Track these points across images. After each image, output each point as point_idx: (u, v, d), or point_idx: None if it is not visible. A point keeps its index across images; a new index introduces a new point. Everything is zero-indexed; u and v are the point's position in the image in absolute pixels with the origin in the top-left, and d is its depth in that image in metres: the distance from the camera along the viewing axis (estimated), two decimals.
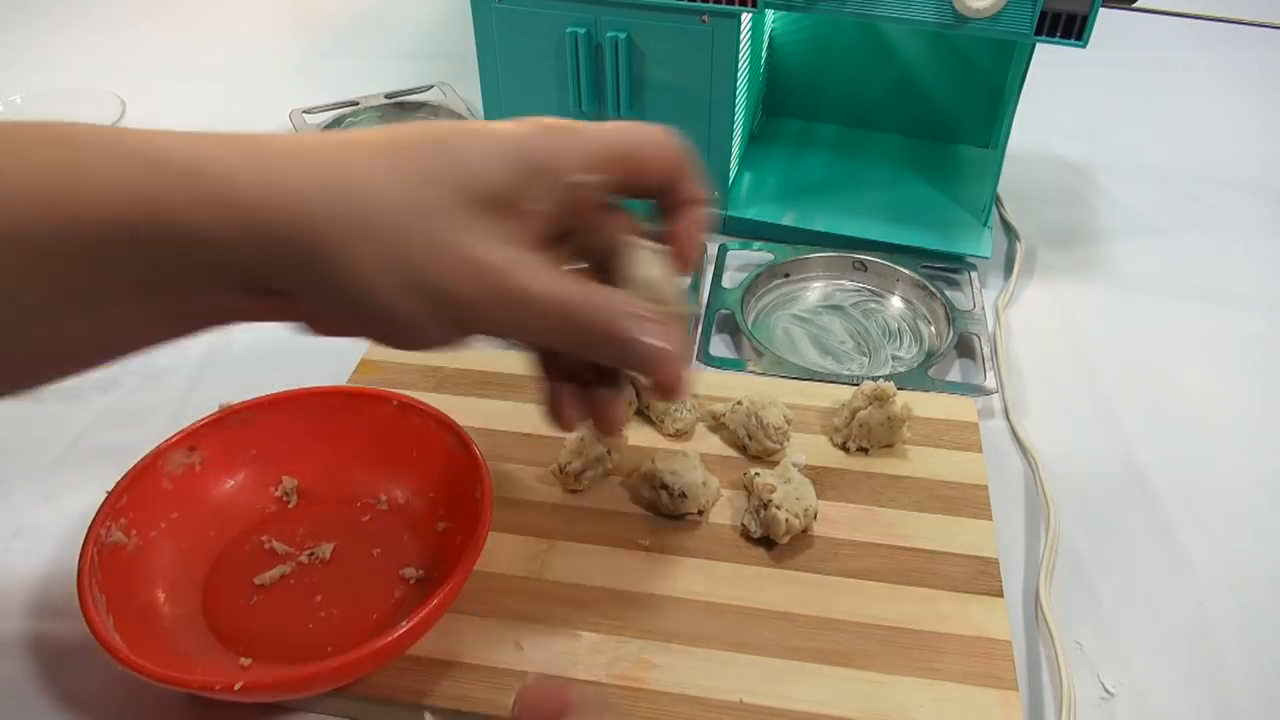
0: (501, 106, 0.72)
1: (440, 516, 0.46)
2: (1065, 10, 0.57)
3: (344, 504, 0.48)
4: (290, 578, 0.45)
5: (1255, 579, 0.49)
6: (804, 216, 0.73)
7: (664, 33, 0.65)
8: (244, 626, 0.43)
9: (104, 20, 1.13)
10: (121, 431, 0.56)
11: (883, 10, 0.60)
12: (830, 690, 0.41)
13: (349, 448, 0.49)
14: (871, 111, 0.82)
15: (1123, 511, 0.52)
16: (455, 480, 0.46)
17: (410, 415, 0.48)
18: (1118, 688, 0.43)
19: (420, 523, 0.47)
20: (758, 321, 0.65)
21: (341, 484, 0.48)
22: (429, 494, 0.47)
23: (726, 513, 0.49)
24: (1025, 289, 0.69)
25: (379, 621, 0.43)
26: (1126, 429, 0.57)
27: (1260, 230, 0.76)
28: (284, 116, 0.88)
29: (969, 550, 0.47)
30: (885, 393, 0.51)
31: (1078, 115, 0.93)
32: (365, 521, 0.48)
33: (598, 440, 0.50)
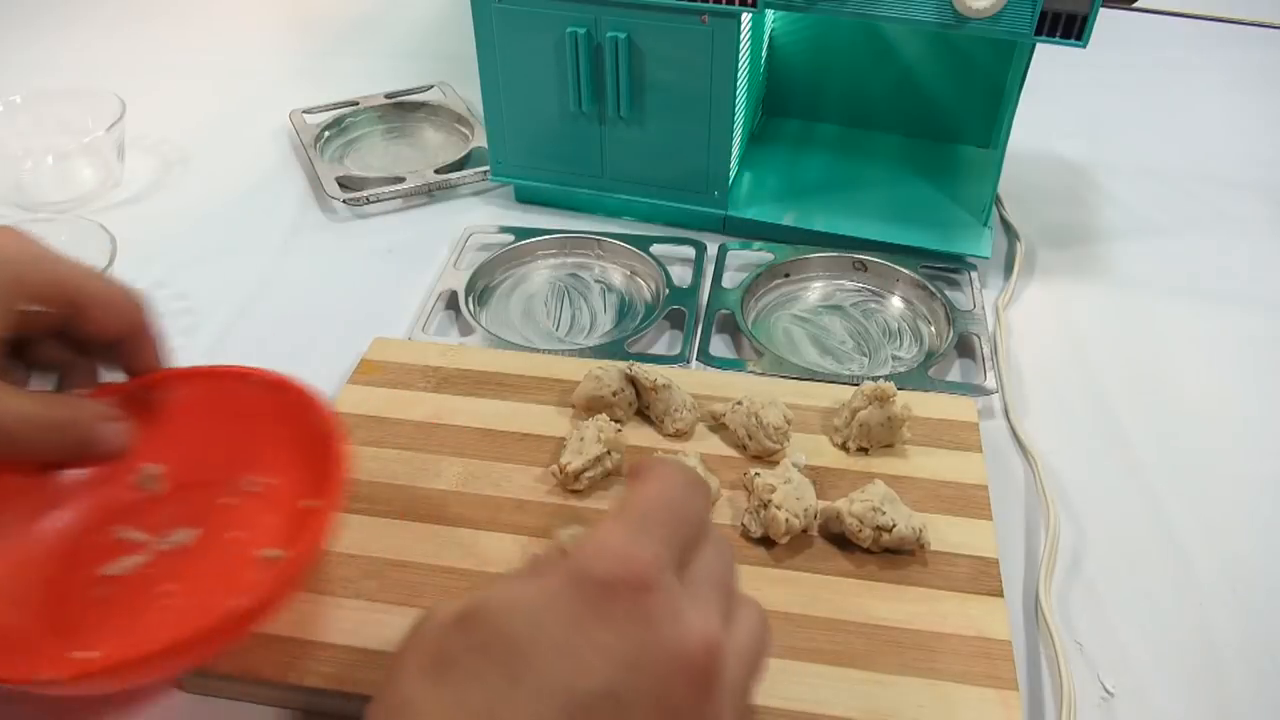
0: (501, 106, 0.72)
1: (305, 495, 0.44)
2: (1065, 10, 0.57)
3: (211, 488, 0.47)
4: (150, 567, 0.44)
5: (1255, 579, 0.49)
6: (804, 216, 0.73)
7: (664, 33, 0.65)
8: (85, 620, 0.42)
9: (104, 20, 1.13)
10: None
11: (883, 10, 0.60)
12: (830, 690, 0.41)
13: (219, 430, 0.47)
14: (871, 111, 0.82)
15: (1123, 511, 0.52)
16: (321, 458, 0.44)
17: (281, 394, 0.46)
18: (1118, 688, 0.44)
19: (286, 503, 0.45)
20: (758, 321, 0.65)
21: (210, 468, 0.47)
22: (297, 473, 0.45)
23: (726, 513, 0.49)
24: (1025, 289, 0.69)
25: (224, 604, 0.39)
26: (1126, 429, 0.57)
27: (1260, 230, 0.76)
28: (284, 116, 0.89)
29: (969, 550, 0.47)
30: (885, 393, 0.51)
31: (1078, 115, 0.93)
32: (232, 504, 0.46)
33: (597, 440, 0.50)
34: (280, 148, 0.86)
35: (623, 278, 0.70)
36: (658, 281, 0.67)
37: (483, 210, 0.78)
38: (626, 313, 0.67)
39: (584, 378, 0.54)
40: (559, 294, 0.68)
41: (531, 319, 0.66)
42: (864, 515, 0.46)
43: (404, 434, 0.53)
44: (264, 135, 0.88)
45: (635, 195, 0.74)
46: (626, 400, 0.54)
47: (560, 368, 0.58)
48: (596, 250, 0.71)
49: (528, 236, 0.71)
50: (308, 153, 0.83)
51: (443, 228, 0.73)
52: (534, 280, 0.70)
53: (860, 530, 0.46)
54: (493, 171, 0.77)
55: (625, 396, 0.54)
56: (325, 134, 0.86)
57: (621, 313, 0.67)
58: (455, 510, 0.49)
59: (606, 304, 0.67)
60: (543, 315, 0.66)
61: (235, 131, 0.90)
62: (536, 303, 0.67)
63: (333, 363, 0.58)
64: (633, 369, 0.54)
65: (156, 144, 0.87)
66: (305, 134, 0.85)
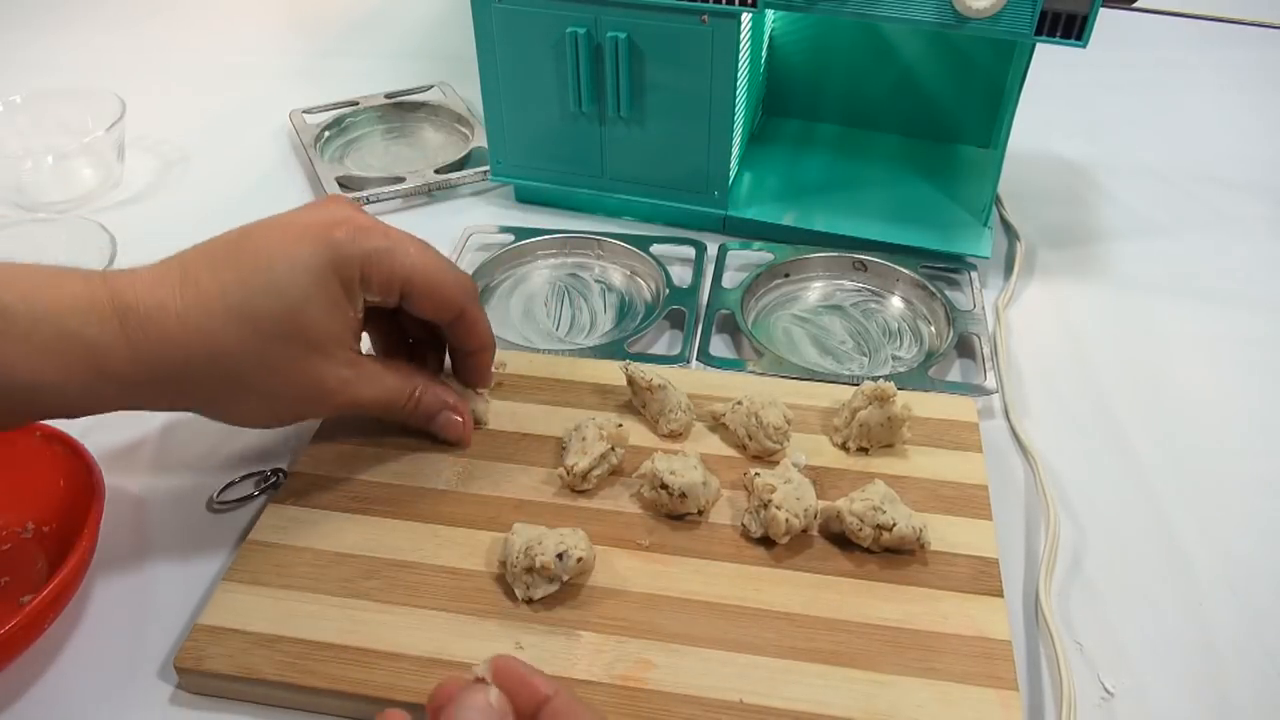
0: (501, 106, 0.72)
1: (72, 544, 0.45)
2: (1065, 10, 0.57)
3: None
4: None
5: (1255, 579, 0.49)
6: (804, 216, 0.73)
7: (664, 33, 0.65)
8: None
9: (104, 20, 1.13)
10: (122, 432, 0.56)
11: (883, 10, 0.60)
12: (830, 690, 0.41)
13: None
14: (871, 111, 0.82)
15: (1123, 511, 0.52)
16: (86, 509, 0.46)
17: (53, 445, 0.49)
18: (1118, 688, 0.44)
19: (56, 550, 0.47)
20: (758, 321, 0.65)
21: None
22: (69, 521, 0.47)
23: (726, 513, 0.49)
24: (1025, 289, 0.69)
25: None
26: (1126, 429, 0.57)
27: (1260, 230, 0.76)
28: (284, 116, 0.89)
29: (969, 550, 0.47)
30: (885, 393, 0.51)
31: (1078, 115, 0.93)
32: (5, 550, 0.48)
33: (599, 438, 0.50)
34: (280, 148, 0.86)
35: (623, 278, 0.70)
36: (658, 281, 0.67)
37: (483, 210, 0.78)
38: (626, 313, 0.67)
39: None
40: (559, 294, 0.68)
41: (531, 319, 0.66)
42: (864, 514, 0.46)
43: (404, 434, 0.53)
44: (264, 135, 0.88)
45: (635, 195, 0.74)
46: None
47: (561, 368, 0.58)
48: (596, 250, 0.71)
49: (528, 236, 0.71)
50: (308, 153, 0.83)
51: (443, 228, 0.73)
52: (534, 280, 0.70)
53: (860, 529, 0.46)
54: (493, 171, 0.77)
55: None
56: (325, 134, 0.86)
57: (621, 313, 0.67)
58: (455, 510, 0.49)
59: (606, 304, 0.67)
60: (543, 315, 0.66)
61: (235, 131, 0.90)
62: (536, 303, 0.67)
63: None
64: (629, 368, 0.54)
65: (156, 144, 0.87)
66: (305, 134, 0.85)
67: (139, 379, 0.41)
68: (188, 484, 0.53)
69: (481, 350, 0.52)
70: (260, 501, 0.52)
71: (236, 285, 0.42)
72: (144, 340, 0.41)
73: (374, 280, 0.45)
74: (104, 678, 0.44)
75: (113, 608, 0.47)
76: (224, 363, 0.42)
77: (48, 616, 0.43)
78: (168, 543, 0.50)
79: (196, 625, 0.43)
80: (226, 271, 0.42)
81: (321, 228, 0.44)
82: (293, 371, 0.44)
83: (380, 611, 0.44)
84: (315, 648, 0.42)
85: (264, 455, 0.54)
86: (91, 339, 0.40)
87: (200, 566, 0.49)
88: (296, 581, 0.45)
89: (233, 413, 0.46)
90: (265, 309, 0.42)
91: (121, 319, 0.40)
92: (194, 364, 0.42)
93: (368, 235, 0.45)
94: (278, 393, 0.45)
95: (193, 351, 0.42)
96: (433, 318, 0.49)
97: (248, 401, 0.45)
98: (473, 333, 0.50)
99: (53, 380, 0.39)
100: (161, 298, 0.41)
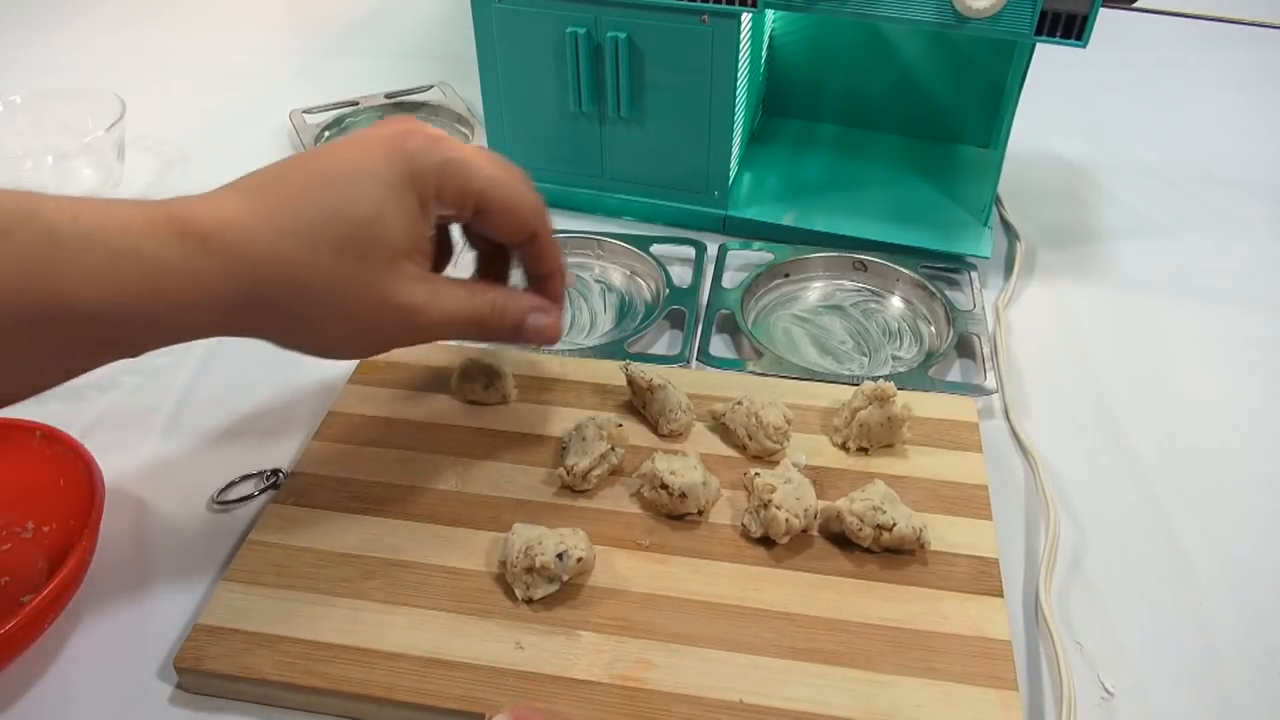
0: (501, 106, 0.72)
1: (72, 544, 0.45)
2: (1065, 10, 0.57)
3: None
4: None
5: (1255, 579, 0.49)
6: (804, 216, 0.73)
7: (664, 33, 0.65)
8: None
9: (104, 20, 1.13)
10: (121, 431, 0.56)
11: (883, 10, 0.60)
12: (830, 690, 0.41)
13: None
14: (871, 111, 0.82)
15: (1123, 511, 0.52)
16: (86, 509, 0.46)
17: (53, 445, 0.49)
18: (1118, 688, 0.44)
19: (56, 551, 0.47)
20: (758, 321, 0.65)
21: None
22: (69, 522, 0.47)
23: (726, 513, 0.49)
24: (1025, 289, 0.69)
25: None
26: (1126, 429, 0.57)
27: (1260, 230, 0.76)
28: (284, 116, 0.89)
29: (969, 550, 0.47)
30: (885, 393, 0.51)
31: (1078, 115, 0.93)
32: (5, 551, 0.48)
33: (599, 438, 0.50)
34: (280, 148, 0.86)
35: (623, 278, 0.70)
36: (658, 281, 0.67)
37: None
38: (626, 313, 0.67)
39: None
40: None
41: None
42: (864, 514, 0.46)
43: (404, 434, 0.53)
44: (264, 135, 0.88)
45: (635, 195, 0.74)
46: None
47: (560, 368, 0.58)
48: (596, 250, 0.71)
49: None
50: None
51: None
52: None
53: (860, 529, 0.46)
54: None
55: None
56: (325, 134, 0.86)
57: (621, 313, 0.67)
58: (455, 510, 0.49)
59: (606, 304, 0.67)
60: None
61: (235, 131, 0.90)
62: None
63: (333, 363, 0.58)
64: (629, 368, 0.54)
65: (156, 144, 0.87)
66: (305, 134, 0.85)
67: (204, 300, 0.38)
68: (188, 484, 0.53)
69: (553, 274, 0.48)
70: (260, 501, 0.52)
71: (308, 200, 0.40)
72: (206, 259, 0.37)
73: (448, 192, 0.42)
74: (104, 678, 0.44)
75: (113, 608, 0.47)
76: (296, 281, 0.39)
77: (48, 616, 0.43)
78: (168, 543, 0.50)
79: (196, 625, 0.43)
80: (297, 187, 0.40)
81: (395, 139, 0.41)
82: (371, 289, 0.41)
83: (380, 611, 0.44)
84: (315, 648, 0.42)
85: (264, 455, 0.54)
86: (148, 258, 0.37)
87: (200, 566, 0.49)
88: (296, 581, 0.45)
89: (310, 339, 0.42)
90: (340, 223, 0.40)
91: (181, 238, 0.37)
92: (263, 283, 0.39)
93: (442, 146, 0.42)
94: (357, 315, 0.41)
95: (260, 268, 0.38)
96: (504, 237, 0.46)
97: (325, 327, 0.41)
98: (545, 255, 0.47)
99: (111, 305, 0.36)
100: (226, 216, 0.38)
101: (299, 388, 0.59)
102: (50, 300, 0.35)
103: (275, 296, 0.39)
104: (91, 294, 0.36)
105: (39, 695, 0.43)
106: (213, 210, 0.38)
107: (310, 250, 0.39)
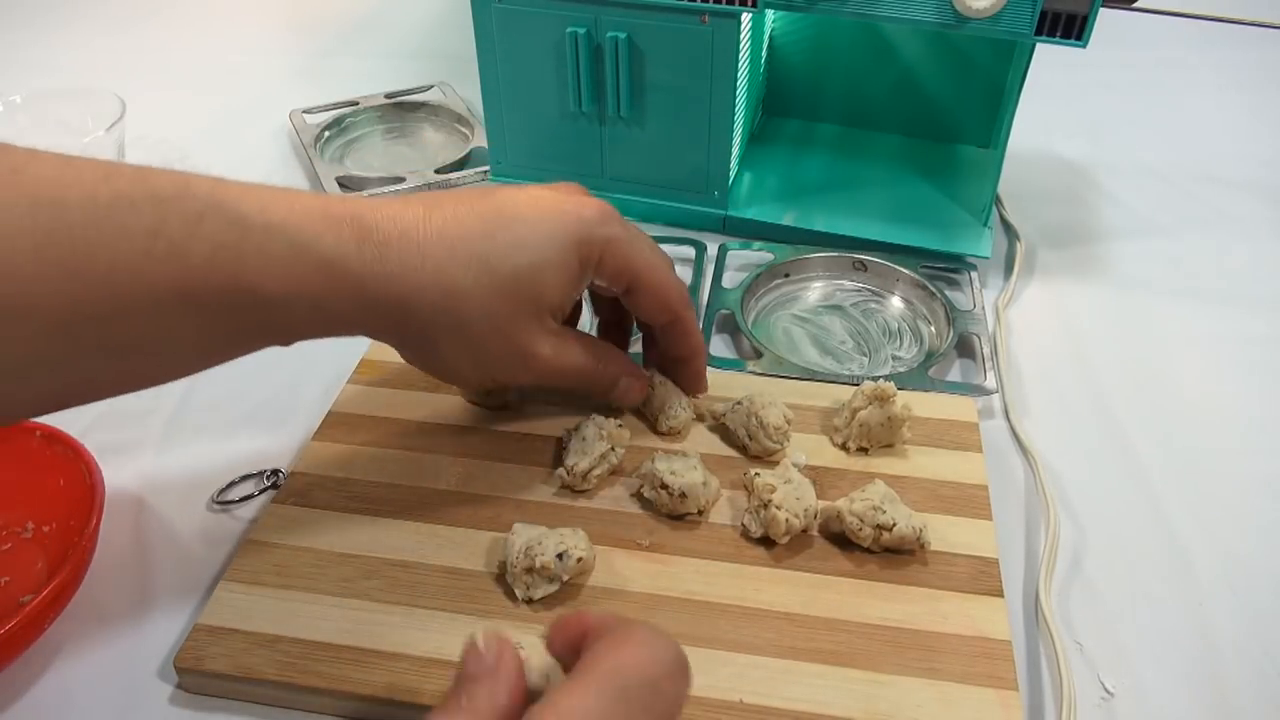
0: (501, 106, 0.72)
1: (72, 544, 0.46)
2: (1065, 10, 0.57)
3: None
4: None
5: (1255, 579, 0.49)
6: (804, 216, 0.73)
7: (664, 33, 0.65)
8: None
9: (104, 20, 1.13)
10: (121, 431, 0.56)
11: (883, 10, 0.60)
12: (830, 690, 0.41)
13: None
14: (871, 111, 0.82)
15: (1123, 511, 0.52)
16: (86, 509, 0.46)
17: (53, 445, 0.49)
18: (1118, 688, 0.44)
19: (56, 551, 0.47)
20: (758, 321, 0.65)
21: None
22: (69, 522, 0.48)
23: (726, 513, 0.49)
24: (1025, 289, 0.69)
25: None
26: (1126, 429, 0.57)
27: (1260, 230, 0.76)
28: (284, 116, 0.89)
29: (969, 550, 0.47)
30: (885, 393, 0.51)
31: (1078, 115, 0.93)
32: (5, 551, 0.48)
33: (599, 437, 0.50)
34: (280, 148, 0.86)
35: None
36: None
37: None
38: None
39: None
40: None
41: None
42: (864, 514, 0.46)
43: (404, 434, 0.53)
44: (264, 135, 0.88)
45: (635, 195, 0.74)
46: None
47: None
48: None
49: None
50: (308, 153, 0.83)
51: None
52: None
53: (860, 529, 0.46)
54: (493, 171, 0.77)
55: None
56: (325, 134, 0.86)
57: None
58: (455, 510, 0.49)
59: None
60: None
61: (235, 131, 0.90)
62: None
63: (333, 362, 0.58)
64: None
65: (156, 144, 0.87)
66: (305, 134, 0.85)
67: (368, 303, 0.40)
68: (188, 484, 0.53)
69: (694, 356, 0.52)
70: (260, 501, 0.52)
71: (483, 234, 0.42)
72: (379, 262, 0.40)
73: (609, 266, 0.46)
74: (104, 678, 0.44)
75: (113, 608, 0.47)
76: (449, 308, 0.42)
77: (48, 616, 0.43)
78: (168, 543, 0.50)
79: (196, 625, 0.43)
80: (475, 219, 0.42)
81: (574, 204, 0.45)
82: (513, 330, 0.44)
83: (380, 611, 0.44)
84: (315, 648, 0.42)
85: (264, 455, 0.54)
86: (327, 253, 0.39)
87: (200, 566, 0.49)
88: (296, 581, 0.45)
89: (437, 358, 0.45)
90: (509, 265, 0.42)
91: (360, 238, 0.39)
92: (423, 298, 0.41)
93: (613, 221, 0.46)
94: (490, 350, 0.44)
95: (425, 285, 0.41)
96: (649, 317, 0.50)
97: (456, 352, 0.44)
98: (687, 338, 0.51)
99: (287, 294, 0.38)
100: (405, 226, 0.41)
101: (299, 388, 0.59)
102: (234, 285, 0.37)
103: (426, 313, 0.42)
104: (271, 282, 0.37)
105: (39, 695, 0.43)
106: (394, 219, 0.41)
107: (473, 281, 0.42)
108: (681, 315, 0.50)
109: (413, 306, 0.41)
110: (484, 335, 0.43)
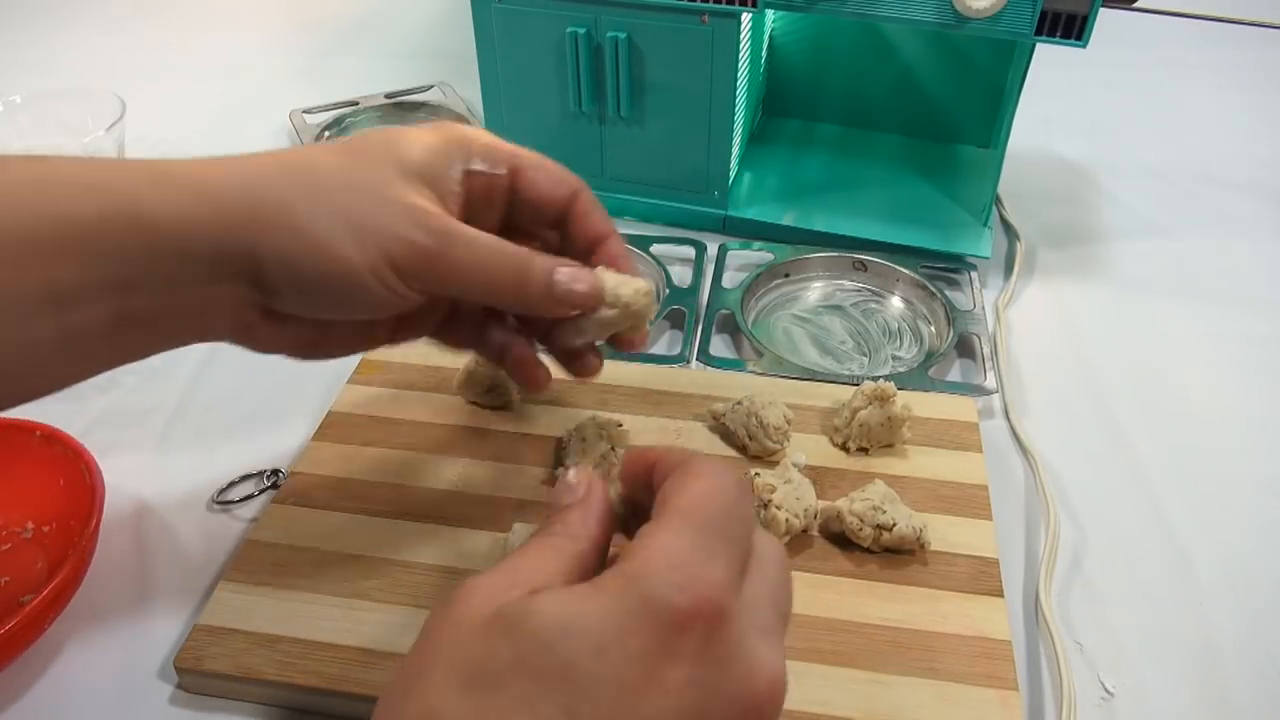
0: (501, 106, 0.72)
1: (72, 544, 0.46)
2: (1065, 10, 0.57)
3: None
4: None
5: (1255, 579, 0.49)
6: (804, 216, 0.73)
7: (664, 33, 0.65)
8: None
9: (104, 20, 1.13)
10: (121, 431, 0.56)
11: (883, 10, 0.60)
12: (830, 690, 0.41)
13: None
14: (871, 111, 0.82)
15: (1123, 511, 0.52)
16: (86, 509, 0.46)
17: (53, 445, 0.49)
18: (1118, 688, 0.44)
19: (56, 551, 0.47)
20: (758, 321, 0.65)
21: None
22: (69, 522, 0.48)
23: None
24: (1025, 289, 0.69)
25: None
26: (1126, 429, 0.57)
27: (1260, 230, 0.76)
28: (284, 116, 0.89)
29: (969, 550, 0.47)
30: (885, 393, 0.51)
31: (1078, 115, 0.93)
32: (5, 551, 0.48)
33: (599, 437, 0.50)
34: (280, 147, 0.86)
35: None
36: (658, 281, 0.67)
37: None
38: None
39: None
40: None
41: None
42: (864, 514, 0.46)
43: (404, 434, 0.53)
44: (264, 135, 0.88)
45: (635, 195, 0.74)
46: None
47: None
48: None
49: None
50: None
51: None
52: None
53: (860, 529, 0.46)
54: None
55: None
56: (325, 134, 0.86)
57: None
58: (455, 510, 0.49)
59: None
60: None
61: (235, 131, 0.90)
62: None
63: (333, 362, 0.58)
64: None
65: (156, 144, 0.87)
66: (305, 134, 0.85)
67: (213, 197, 0.37)
68: (188, 484, 0.53)
69: (608, 235, 0.45)
70: (260, 501, 0.52)
71: (328, 149, 0.40)
72: (239, 174, 0.38)
73: (478, 150, 0.42)
74: (104, 678, 0.44)
75: (113, 608, 0.47)
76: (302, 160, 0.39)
77: (48, 616, 0.43)
78: (168, 543, 0.50)
79: (196, 625, 0.43)
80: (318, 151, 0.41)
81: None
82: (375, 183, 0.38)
83: (380, 611, 0.44)
84: (315, 648, 0.42)
85: (264, 455, 0.54)
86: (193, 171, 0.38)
87: (200, 566, 0.49)
88: (296, 581, 0.45)
89: (313, 245, 0.37)
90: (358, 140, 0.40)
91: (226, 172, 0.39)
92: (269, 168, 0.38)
93: (469, 126, 0.43)
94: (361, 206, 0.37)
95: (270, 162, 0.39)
96: (549, 193, 0.44)
97: (330, 221, 0.37)
98: (594, 214, 0.45)
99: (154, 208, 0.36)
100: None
101: (299, 388, 0.59)
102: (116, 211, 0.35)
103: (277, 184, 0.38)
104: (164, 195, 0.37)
105: (39, 695, 0.43)
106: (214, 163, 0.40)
107: (320, 149, 0.40)
108: (580, 188, 0.45)
109: (263, 188, 0.38)
110: (344, 189, 0.38)
